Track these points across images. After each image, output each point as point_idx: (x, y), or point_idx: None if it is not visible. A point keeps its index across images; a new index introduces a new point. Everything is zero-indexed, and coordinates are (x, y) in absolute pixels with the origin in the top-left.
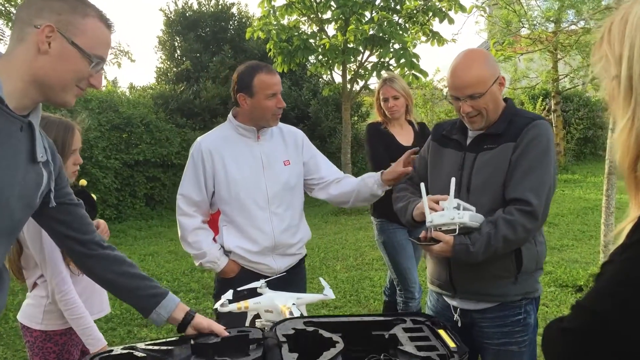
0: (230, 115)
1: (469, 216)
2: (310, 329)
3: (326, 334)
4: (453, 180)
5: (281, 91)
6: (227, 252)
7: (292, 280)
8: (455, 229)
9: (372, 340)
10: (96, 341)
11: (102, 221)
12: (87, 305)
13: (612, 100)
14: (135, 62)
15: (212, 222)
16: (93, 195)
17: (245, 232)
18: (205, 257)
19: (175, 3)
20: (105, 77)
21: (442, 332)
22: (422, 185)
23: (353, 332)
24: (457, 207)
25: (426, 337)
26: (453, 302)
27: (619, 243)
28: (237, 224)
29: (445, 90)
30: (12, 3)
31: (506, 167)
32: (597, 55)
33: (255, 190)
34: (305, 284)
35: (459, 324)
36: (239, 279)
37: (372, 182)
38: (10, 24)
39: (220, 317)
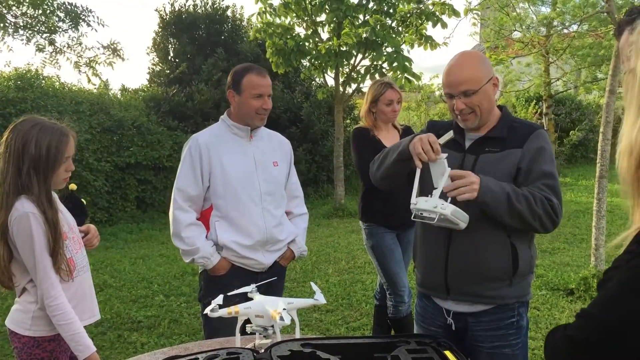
0: (224, 115)
1: (451, 210)
2: (308, 350)
3: (324, 355)
4: (448, 169)
5: (270, 94)
6: (219, 249)
7: (274, 285)
8: (434, 218)
9: None
10: (85, 348)
11: (92, 226)
12: (77, 311)
13: (626, 94)
14: (128, 61)
15: (202, 220)
16: (83, 200)
17: (239, 226)
18: (199, 252)
19: (172, 4)
20: (100, 77)
21: (448, 353)
22: (418, 170)
23: (353, 354)
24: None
25: (430, 358)
26: (446, 305)
27: (622, 248)
28: (231, 218)
29: (440, 92)
30: (3, 4)
31: (513, 172)
32: (622, 48)
33: (250, 186)
34: (283, 286)
35: (453, 328)
36: (228, 275)
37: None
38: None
39: (207, 321)
